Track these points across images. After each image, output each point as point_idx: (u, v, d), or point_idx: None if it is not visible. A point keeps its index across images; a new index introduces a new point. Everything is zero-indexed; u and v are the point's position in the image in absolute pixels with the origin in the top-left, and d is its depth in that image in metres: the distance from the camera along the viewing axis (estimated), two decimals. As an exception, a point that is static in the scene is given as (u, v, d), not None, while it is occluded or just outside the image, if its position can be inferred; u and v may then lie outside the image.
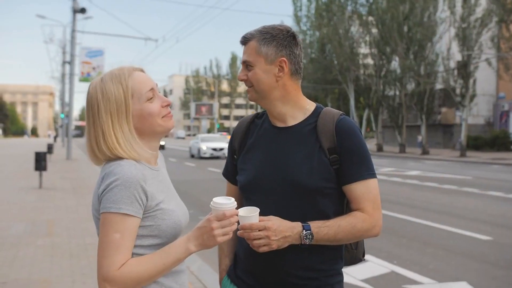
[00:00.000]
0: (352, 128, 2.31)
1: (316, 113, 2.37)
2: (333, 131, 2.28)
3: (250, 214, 2.07)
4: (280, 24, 2.37)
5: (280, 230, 2.09)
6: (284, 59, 2.30)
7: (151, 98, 2.07)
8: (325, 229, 2.18)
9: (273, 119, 2.41)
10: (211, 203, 1.99)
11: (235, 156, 2.54)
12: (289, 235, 2.12)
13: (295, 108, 2.37)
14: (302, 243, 2.16)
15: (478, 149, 47.33)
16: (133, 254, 1.94)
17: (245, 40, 2.32)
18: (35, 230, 9.51)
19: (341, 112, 2.36)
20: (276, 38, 2.29)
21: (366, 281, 6.85)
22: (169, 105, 2.13)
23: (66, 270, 6.87)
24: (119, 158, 1.99)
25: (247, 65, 2.31)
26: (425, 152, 44.53)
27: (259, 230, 2.06)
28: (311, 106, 2.41)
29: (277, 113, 2.38)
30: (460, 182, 20.33)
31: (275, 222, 2.09)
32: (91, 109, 2.04)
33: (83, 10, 35.11)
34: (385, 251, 8.48)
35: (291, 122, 2.37)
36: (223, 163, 31.66)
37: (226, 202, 1.98)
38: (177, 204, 2.11)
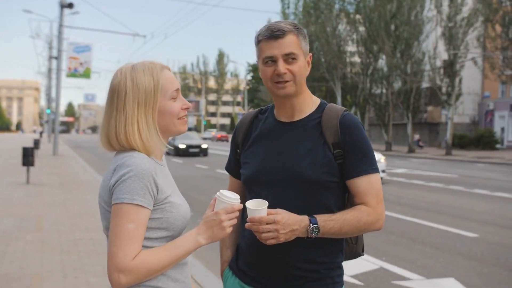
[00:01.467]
0: (356, 123, 2.36)
1: (320, 108, 2.42)
2: (337, 126, 2.32)
3: (260, 207, 2.10)
4: (288, 21, 2.40)
5: (288, 224, 2.13)
6: (311, 54, 2.40)
7: (174, 98, 2.10)
8: (331, 222, 2.22)
9: (281, 114, 2.45)
10: (219, 194, 2.03)
11: (238, 151, 2.57)
12: (297, 228, 2.16)
13: (306, 103, 2.42)
14: (309, 236, 2.20)
15: (463, 147, 47.70)
16: (142, 247, 1.95)
17: (283, 33, 2.27)
18: (24, 225, 9.47)
19: (345, 108, 2.41)
20: (305, 35, 2.37)
21: (355, 277, 6.91)
22: (188, 108, 2.15)
23: (57, 265, 6.86)
24: (132, 149, 2.01)
25: (291, 57, 2.29)
26: (411, 150, 44.75)
27: (267, 224, 2.10)
28: (315, 101, 2.46)
29: (292, 107, 2.41)
30: (447, 180, 20.49)
31: (283, 216, 2.13)
32: (117, 95, 2.03)
33: (70, 5, 34.85)
34: (374, 248, 8.54)
35: (297, 116, 2.41)
36: (209, 160, 31.65)
37: (233, 196, 2.03)
38: (181, 199, 2.15)
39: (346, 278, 6.76)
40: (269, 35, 2.29)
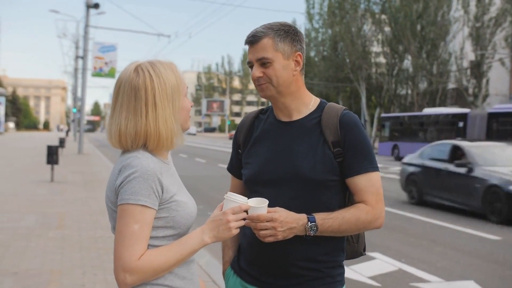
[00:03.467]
0: (356, 122, 2.36)
1: (320, 107, 2.42)
2: (337, 125, 2.33)
3: (259, 205, 2.12)
4: (282, 21, 2.40)
5: (286, 222, 2.14)
6: (300, 53, 2.37)
7: (185, 94, 2.14)
8: (330, 221, 2.22)
9: (279, 114, 2.45)
10: (227, 195, 2.05)
11: (239, 151, 2.58)
12: (295, 226, 2.17)
13: (302, 102, 2.42)
14: (307, 234, 2.21)
15: (489, 149, 46.98)
16: (149, 246, 1.97)
17: (256, 38, 2.32)
18: (46, 222, 9.60)
19: (344, 107, 2.42)
20: (289, 34, 2.34)
21: (373, 278, 6.87)
22: (192, 106, 2.19)
23: (76, 262, 6.94)
24: (136, 150, 2.02)
25: (263, 62, 2.32)
26: None
27: (266, 221, 2.11)
28: (315, 101, 2.46)
29: (285, 107, 2.42)
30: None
31: (281, 214, 2.14)
32: (145, 92, 2.00)
33: (96, 5, 35.18)
34: (393, 249, 8.50)
35: (296, 116, 2.41)
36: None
37: (241, 198, 2.06)
38: (188, 197, 2.15)
39: (364, 279, 6.74)
40: (246, 41, 2.37)
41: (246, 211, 2.08)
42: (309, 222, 2.19)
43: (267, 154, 2.41)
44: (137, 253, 1.90)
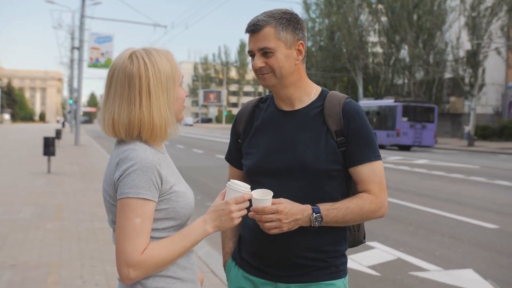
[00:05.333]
0: (358, 111, 2.34)
1: (322, 96, 2.40)
2: (340, 114, 2.30)
3: (264, 197, 2.10)
4: (283, 8, 2.36)
5: (292, 213, 2.13)
6: (302, 42, 2.33)
7: (181, 84, 2.10)
8: (334, 211, 2.21)
9: (281, 103, 2.42)
10: (230, 184, 2.02)
11: (239, 141, 2.55)
12: (300, 217, 2.15)
13: (304, 91, 2.39)
14: (312, 225, 2.19)
15: (486, 138, 47.11)
16: (150, 238, 1.95)
17: (258, 27, 2.27)
18: (44, 214, 9.58)
19: (347, 96, 2.39)
20: (291, 22, 2.29)
21: (372, 267, 6.88)
22: (186, 96, 2.16)
23: (75, 254, 6.93)
24: (133, 140, 1.98)
25: (265, 52, 2.27)
26: (470, 144, 43.89)
27: (271, 214, 2.09)
28: (317, 89, 2.43)
29: (288, 97, 2.39)
30: (468, 171, 20.29)
31: (286, 206, 2.12)
32: (139, 80, 1.97)
33: (92, -4, 35.09)
34: (392, 238, 8.50)
35: (298, 105, 2.39)
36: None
37: (244, 186, 2.02)
38: (186, 186, 2.13)
39: (363, 268, 6.75)
40: (247, 29, 2.31)
41: (250, 201, 2.06)
42: (314, 213, 2.17)
43: (269, 144, 2.38)
44: (140, 247, 1.88)
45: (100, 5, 45.46)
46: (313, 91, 2.42)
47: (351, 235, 2.52)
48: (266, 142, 2.39)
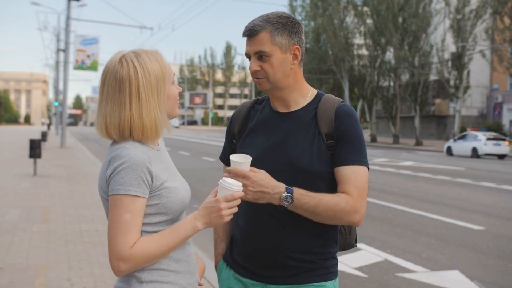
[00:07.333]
0: (350, 114, 2.34)
1: (317, 99, 2.41)
2: (332, 117, 2.31)
3: (242, 161, 2.14)
4: (280, 12, 2.38)
5: (260, 184, 2.13)
6: (297, 46, 2.34)
7: (173, 82, 2.15)
8: (307, 198, 2.19)
9: (276, 105, 2.44)
10: (222, 182, 2.04)
11: (234, 141, 2.57)
12: (269, 192, 2.14)
13: (300, 94, 2.41)
14: (280, 204, 2.18)
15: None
16: (143, 232, 2.02)
17: (254, 32, 2.29)
18: (31, 216, 9.53)
19: (342, 100, 2.40)
20: (286, 26, 2.31)
21: (359, 269, 6.92)
22: (181, 91, 2.20)
23: (62, 256, 6.90)
24: (125, 140, 2.04)
25: (260, 55, 2.29)
26: (418, 143, 44.56)
27: (242, 177, 2.11)
28: (312, 92, 2.45)
29: (283, 100, 2.41)
30: (453, 173, 20.45)
31: (258, 176, 2.13)
32: (129, 83, 2.02)
33: (77, -2, 34.92)
34: (379, 240, 8.55)
35: (294, 107, 2.40)
36: (218, 152, 31.64)
37: (236, 184, 2.04)
38: (180, 182, 2.18)
39: (350, 270, 6.79)
40: (244, 33, 2.34)
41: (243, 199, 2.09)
42: (286, 192, 2.16)
43: (263, 144, 2.39)
44: (129, 241, 1.94)
45: (86, 7, 45.37)
46: (309, 93, 2.44)
47: (342, 238, 2.54)
48: (260, 142, 2.41)
